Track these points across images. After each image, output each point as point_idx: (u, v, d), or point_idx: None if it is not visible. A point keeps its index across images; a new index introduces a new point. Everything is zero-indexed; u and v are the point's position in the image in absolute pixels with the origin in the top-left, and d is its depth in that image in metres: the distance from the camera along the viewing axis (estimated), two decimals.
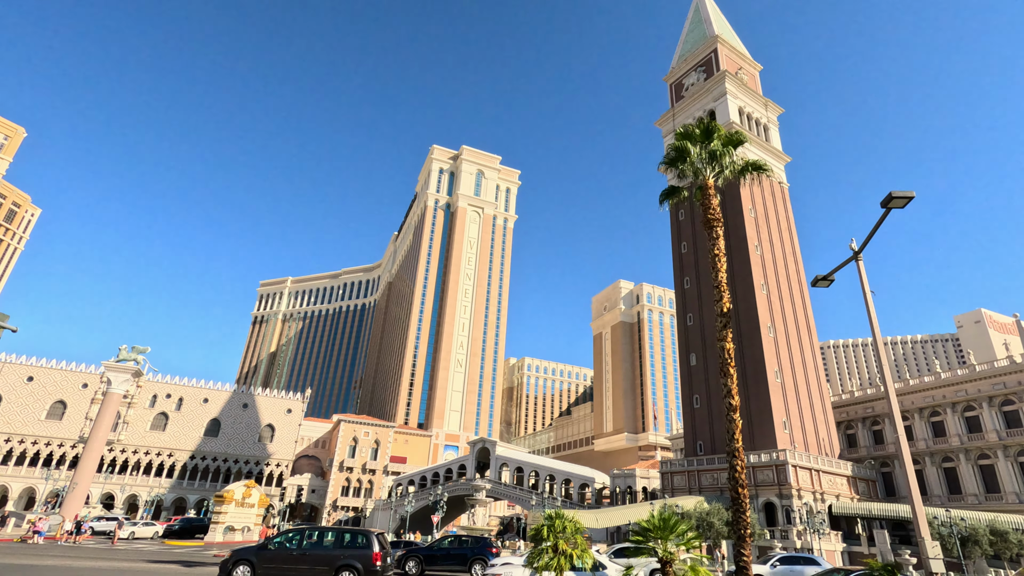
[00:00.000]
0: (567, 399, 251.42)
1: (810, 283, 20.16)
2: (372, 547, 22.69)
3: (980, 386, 68.10)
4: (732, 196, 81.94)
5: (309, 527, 24.98)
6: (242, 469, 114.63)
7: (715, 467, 69.89)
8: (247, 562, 21.91)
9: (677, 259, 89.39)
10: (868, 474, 73.35)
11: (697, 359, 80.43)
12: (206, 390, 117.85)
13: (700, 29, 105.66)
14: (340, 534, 23.59)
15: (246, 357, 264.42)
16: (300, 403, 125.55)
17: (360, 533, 23.55)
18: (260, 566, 21.87)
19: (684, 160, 26.18)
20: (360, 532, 23.65)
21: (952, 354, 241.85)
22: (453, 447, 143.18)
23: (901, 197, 15.74)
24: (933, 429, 71.71)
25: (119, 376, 69.98)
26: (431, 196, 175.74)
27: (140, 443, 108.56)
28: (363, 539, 23.19)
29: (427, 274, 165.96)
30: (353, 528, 24.57)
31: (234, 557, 22.14)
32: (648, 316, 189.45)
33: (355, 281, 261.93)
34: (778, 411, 69.77)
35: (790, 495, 60.72)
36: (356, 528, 24.78)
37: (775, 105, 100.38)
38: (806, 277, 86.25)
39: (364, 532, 23.59)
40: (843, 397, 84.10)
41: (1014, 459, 63.56)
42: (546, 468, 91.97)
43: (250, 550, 22.75)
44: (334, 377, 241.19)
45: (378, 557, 22.36)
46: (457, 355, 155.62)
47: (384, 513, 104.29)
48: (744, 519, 19.84)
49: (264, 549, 22.76)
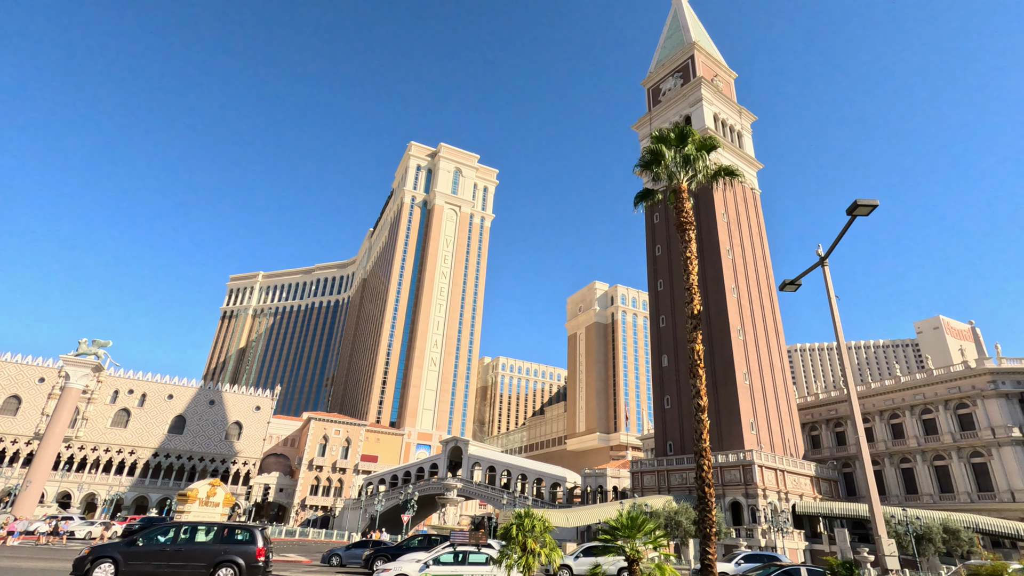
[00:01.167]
0: (541, 399, 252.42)
1: (778, 287, 20.60)
2: (255, 542, 21.50)
3: (937, 390, 70.69)
4: (706, 201, 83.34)
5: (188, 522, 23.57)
6: (207, 467, 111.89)
7: (684, 467, 71.01)
8: (110, 559, 19.66)
9: (651, 262, 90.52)
10: (831, 474, 75.45)
11: (669, 360, 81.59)
12: (171, 386, 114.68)
13: (678, 36, 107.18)
14: (219, 528, 22.12)
15: (214, 353, 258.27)
16: (269, 400, 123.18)
17: (242, 528, 22.27)
18: (126, 563, 19.79)
19: (659, 163, 26.52)
20: (241, 527, 22.34)
21: (912, 359, 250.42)
22: (426, 446, 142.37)
23: (865, 205, 16.19)
24: (892, 431, 74.16)
25: (78, 371, 67.64)
26: (408, 193, 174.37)
27: (100, 440, 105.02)
28: (245, 534, 21.89)
29: (402, 271, 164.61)
30: (233, 523, 23.35)
31: (94, 554, 19.78)
32: (622, 317, 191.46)
33: (329, 277, 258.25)
34: (746, 412, 71.24)
35: (756, 495, 62.05)
36: (237, 523, 23.58)
37: (749, 112, 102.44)
38: (775, 281, 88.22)
39: (246, 526, 22.34)
40: (808, 399, 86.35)
41: (967, 460, 66.16)
42: (518, 467, 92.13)
43: (115, 545, 20.74)
44: (305, 374, 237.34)
45: (261, 552, 21.29)
46: (431, 353, 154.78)
47: (354, 512, 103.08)
48: (710, 518, 20.19)
49: (132, 544, 20.79)
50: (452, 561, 23.47)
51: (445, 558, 23.60)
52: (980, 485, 64.63)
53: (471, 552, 23.91)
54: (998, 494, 62.32)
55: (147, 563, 20.21)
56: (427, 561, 23.71)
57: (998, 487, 62.62)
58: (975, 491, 64.57)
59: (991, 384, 65.67)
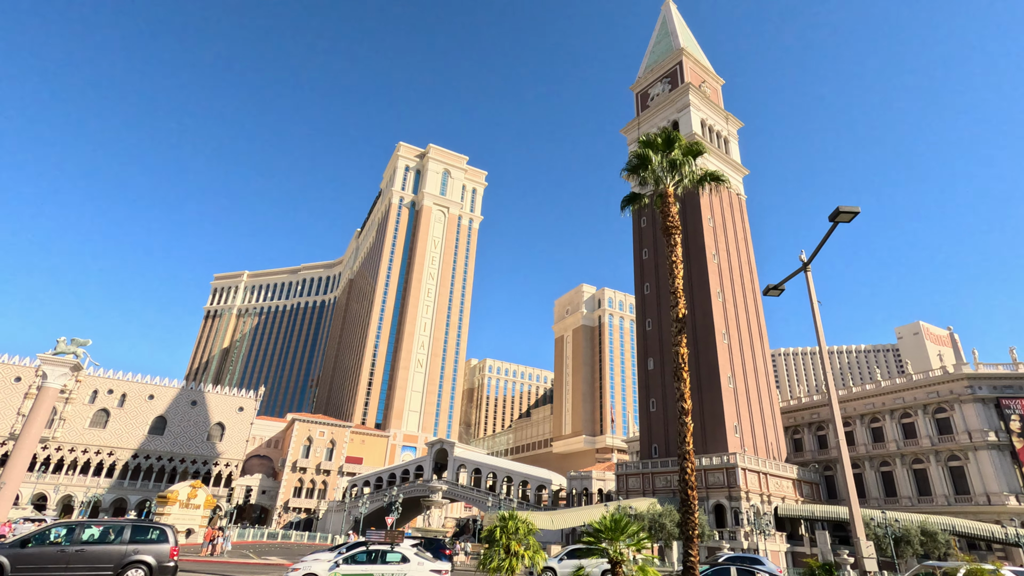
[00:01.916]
0: (527, 401, 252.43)
1: (762, 292, 20.86)
2: (168, 541, 20.38)
3: (916, 394, 71.93)
4: (692, 205, 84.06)
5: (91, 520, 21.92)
6: (188, 469, 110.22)
7: (668, 469, 71.41)
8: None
9: (638, 265, 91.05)
10: (812, 477, 76.38)
11: (655, 363, 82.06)
12: (152, 386, 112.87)
13: (666, 41, 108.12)
14: (129, 527, 20.75)
15: (197, 353, 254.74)
16: (253, 401, 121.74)
17: (152, 526, 21.06)
18: (16, 567, 18.11)
19: (646, 168, 26.71)
20: (152, 525, 21.17)
21: (892, 364, 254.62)
22: (411, 448, 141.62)
23: (847, 212, 16.46)
24: (873, 435, 75.28)
25: (56, 370, 66.08)
26: (396, 193, 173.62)
27: (78, 441, 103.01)
28: (156, 533, 20.68)
29: (390, 272, 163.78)
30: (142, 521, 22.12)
31: None
32: (609, 320, 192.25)
33: (315, 277, 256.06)
34: (730, 415, 71.85)
35: (739, 497, 62.58)
36: (147, 521, 22.33)
37: (735, 119, 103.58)
38: (760, 286, 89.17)
39: (157, 525, 21.20)
40: (791, 403, 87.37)
41: (944, 464, 67.37)
42: (504, 470, 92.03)
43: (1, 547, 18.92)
44: (290, 375, 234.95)
45: (175, 552, 20.39)
46: (418, 355, 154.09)
47: (338, 515, 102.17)
48: (692, 520, 20.33)
49: (23, 546, 18.96)
50: (365, 560, 23.21)
51: (358, 557, 23.44)
52: (957, 488, 65.84)
53: (385, 551, 23.66)
54: (974, 497, 63.53)
55: (41, 567, 18.51)
56: (337, 560, 23.54)
57: (974, 490, 63.84)
58: (952, 494, 65.76)
59: (968, 389, 66.98)
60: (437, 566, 23.42)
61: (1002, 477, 62.24)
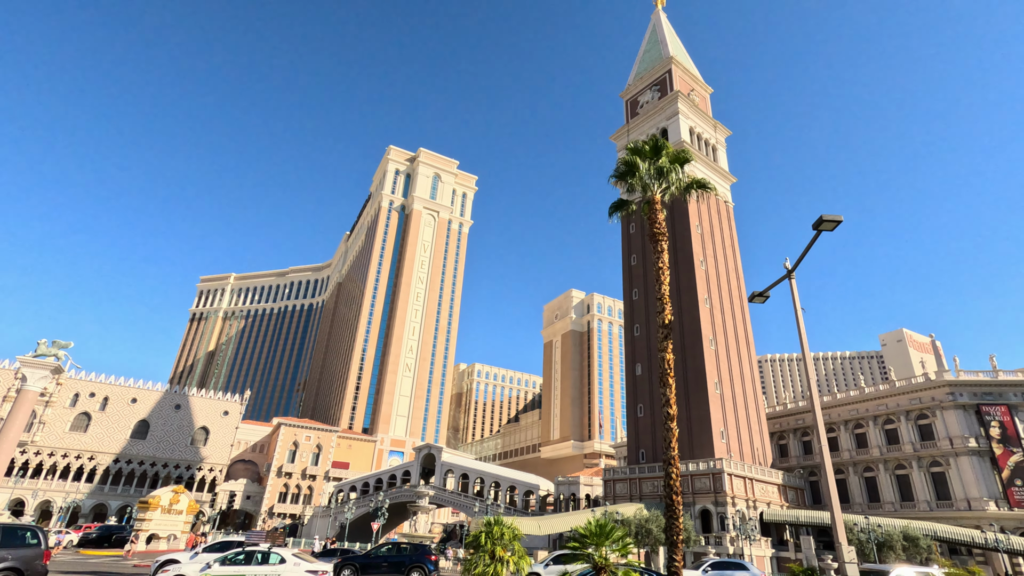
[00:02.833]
0: (516, 406, 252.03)
1: (748, 299, 21.08)
2: (41, 544, 19.34)
3: (899, 401, 72.90)
4: (680, 212, 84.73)
5: None
6: (171, 474, 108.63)
7: (656, 475, 71.57)
8: None
9: (627, 271, 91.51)
10: (797, 483, 77.00)
11: (642, 369, 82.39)
12: (135, 389, 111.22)
13: (656, 49, 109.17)
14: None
15: (182, 356, 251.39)
16: (238, 405, 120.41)
17: (23, 528, 19.95)
18: None
19: (633, 175, 26.94)
20: (23, 527, 20.09)
21: (876, 370, 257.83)
22: (399, 453, 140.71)
23: (831, 220, 16.75)
24: (857, 440, 76.13)
25: (36, 372, 64.91)
26: (386, 197, 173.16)
27: (58, 445, 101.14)
28: (28, 534, 19.47)
29: (379, 276, 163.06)
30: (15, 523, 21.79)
31: None
32: (598, 326, 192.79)
33: (303, 280, 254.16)
34: (717, 421, 72.27)
35: (725, 502, 62.89)
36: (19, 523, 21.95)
37: (723, 127, 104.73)
38: (747, 293, 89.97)
39: (29, 527, 20.11)
40: (777, 409, 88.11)
41: (927, 469, 68.29)
42: (491, 475, 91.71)
43: None
44: (276, 379, 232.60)
45: (48, 556, 19.59)
46: (406, 359, 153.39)
47: (324, 520, 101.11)
48: (677, 526, 20.42)
49: None
50: (241, 562, 23.15)
51: (234, 558, 23.42)
52: (939, 493, 66.75)
53: (260, 552, 23.73)
54: (955, 502, 64.43)
55: None
56: (210, 562, 23.55)
57: (955, 496, 64.75)
58: (934, 499, 66.65)
59: (949, 396, 68.02)
60: (315, 567, 23.70)
61: (982, 483, 63.21)
